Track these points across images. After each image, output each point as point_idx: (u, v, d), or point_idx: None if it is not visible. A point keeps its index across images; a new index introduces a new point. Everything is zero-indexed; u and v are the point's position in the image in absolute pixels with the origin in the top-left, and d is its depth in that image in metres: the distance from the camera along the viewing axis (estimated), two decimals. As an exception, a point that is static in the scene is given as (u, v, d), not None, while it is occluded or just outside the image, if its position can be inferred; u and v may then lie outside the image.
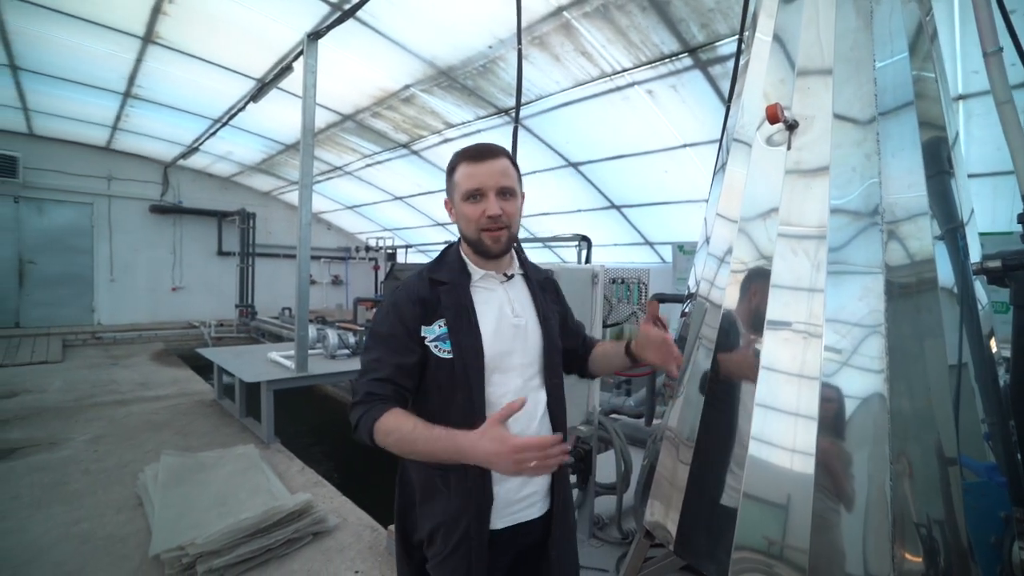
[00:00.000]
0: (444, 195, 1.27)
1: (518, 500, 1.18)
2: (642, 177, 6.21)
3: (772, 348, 1.37)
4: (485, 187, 1.13)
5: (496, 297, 1.22)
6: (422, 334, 1.13)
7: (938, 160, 1.37)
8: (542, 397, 1.22)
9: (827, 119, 1.38)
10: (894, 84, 1.35)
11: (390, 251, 12.53)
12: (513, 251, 1.29)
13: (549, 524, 1.22)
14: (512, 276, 1.27)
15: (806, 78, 1.45)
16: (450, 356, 1.12)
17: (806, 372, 1.31)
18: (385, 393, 1.08)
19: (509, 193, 1.16)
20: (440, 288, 1.18)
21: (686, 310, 1.89)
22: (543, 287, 1.34)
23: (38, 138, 9.00)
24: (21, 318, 9.07)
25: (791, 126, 1.42)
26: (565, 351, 1.34)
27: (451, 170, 1.20)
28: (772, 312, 1.38)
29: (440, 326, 1.14)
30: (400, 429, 1.01)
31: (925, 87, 1.39)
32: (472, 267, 1.22)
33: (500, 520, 1.16)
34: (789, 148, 1.44)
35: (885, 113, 1.33)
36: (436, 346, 1.13)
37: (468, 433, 0.96)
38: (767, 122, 1.42)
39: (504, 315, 1.20)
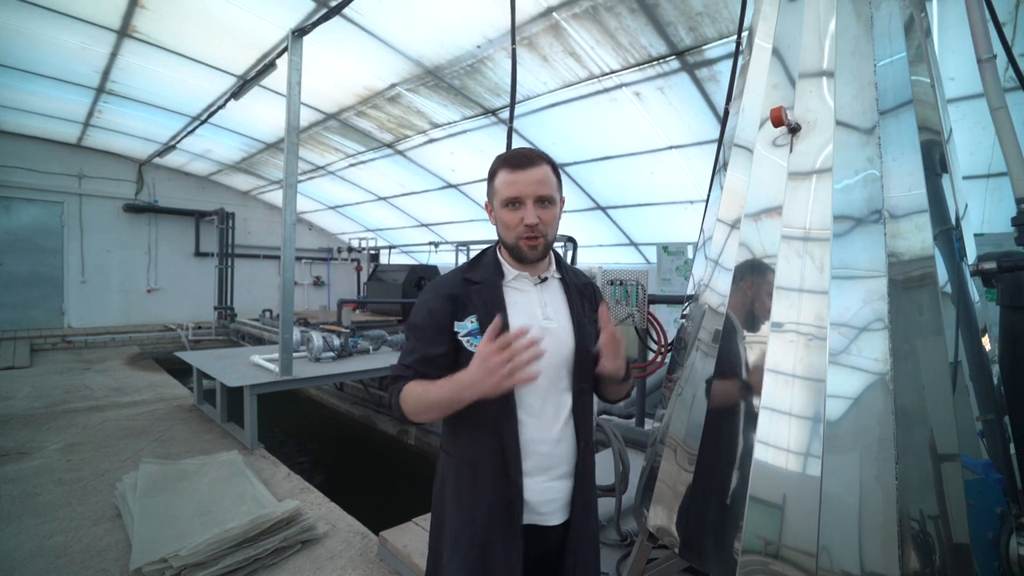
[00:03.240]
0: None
1: (540, 503, 1.20)
2: (628, 179, 6.25)
3: (777, 350, 1.37)
4: (523, 195, 1.16)
5: (528, 298, 1.24)
6: (455, 329, 1.17)
7: (934, 161, 1.40)
8: (567, 401, 1.23)
9: (829, 122, 1.39)
10: (894, 84, 1.36)
11: (373, 252, 12.40)
12: (552, 255, 1.31)
13: (567, 533, 1.23)
14: (546, 279, 1.27)
15: (808, 79, 1.46)
16: None
17: (811, 374, 1.31)
18: (408, 376, 1.17)
19: (548, 201, 1.18)
20: (472, 287, 1.21)
21: (685, 312, 1.89)
22: (582, 293, 1.33)
23: (4, 133, 8.65)
24: (-15, 321, 8.71)
25: (794, 129, 1.43)
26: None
27: (492, 175, 1.23)
28: (776, 314, 1.39)
29: (472, 322, 1.17)
30: (414, 390, 1.13)
31: (921, 86, 1.41)
32: (507, 267, 1.25)
33: (523, 518, 1.18)
34: (791, 151, 1.45)
35: (885, 113, 1.35)
36: (468, 341, 1.17)
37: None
38: (770, 125, 1.43)
39: (534, 316, 1.21)
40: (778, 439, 1.34)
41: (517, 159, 1.18)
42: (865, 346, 1.27)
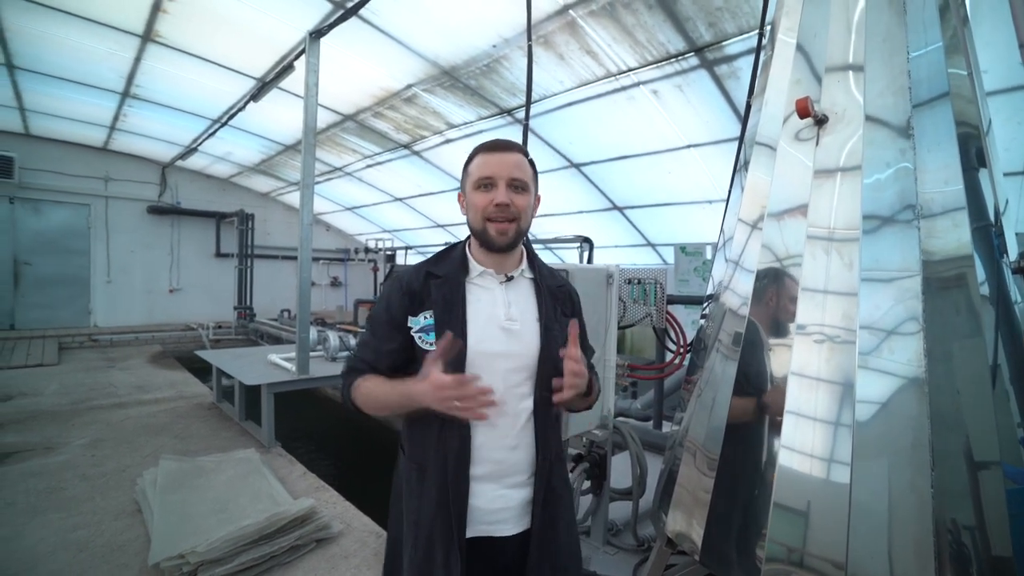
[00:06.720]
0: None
1: (491, 511, 1.13)
2: (645, 178, 6.17)
3: (802, 353, 1.32)
4: (496, 176, 1.11)
5: (490, 296, 1.17)
6: (408, 324, 1.14)
7: (971, 154, 1.33)
8: (527, 407, 1.14)
9: (858, 113, 1.34)
10: (928, 75, 1.30)
11: (389, 253, 12.48)
12: (524, 253, 1.24)
13: (527, 545, 1.14)
14: (512, 277, 1.19)
15: (835, 72, 1.41)
16: (433, 348, 1.08)
17: (839, 377, 1.26)
18: (362, 368, 1.17)
19: (521, 187, 1.13)
20: (433, 281, 1.16)
21: (705, 312, 1.84)
22: (555, 295, 1.24)
23: (35, 138, 8.91)
24: (16, 320, 8.96)
25: (820, 120, 1.38)
26: None
27: (467, 162, 1.19)
28: (802, 316, 1.34)
29: (426, 317, 1.13)
30: (366, 385, 1.13)
31: (957, 77, 1.34)
32: (472, 263, 1.18)
33: (469, 529, 1.12)
34: (818, 144, 1.40)
35: (919, 105, 1.29)
36: (420, 337, 1.13)
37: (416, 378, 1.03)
38: (796, 117, 1.38)
39: (495, 316, 1.14)
40: (803, 444, 1.29)
41: (494, 144, 1.16)
42: (898, 348, 1.22)
